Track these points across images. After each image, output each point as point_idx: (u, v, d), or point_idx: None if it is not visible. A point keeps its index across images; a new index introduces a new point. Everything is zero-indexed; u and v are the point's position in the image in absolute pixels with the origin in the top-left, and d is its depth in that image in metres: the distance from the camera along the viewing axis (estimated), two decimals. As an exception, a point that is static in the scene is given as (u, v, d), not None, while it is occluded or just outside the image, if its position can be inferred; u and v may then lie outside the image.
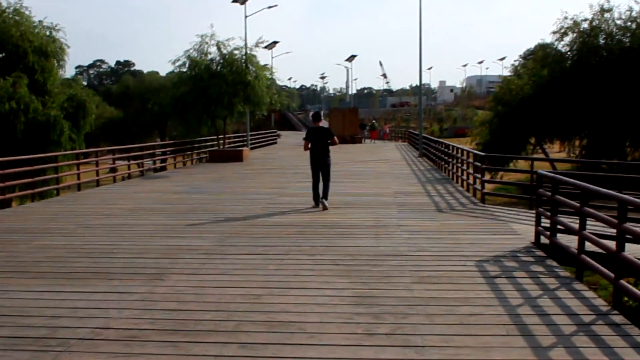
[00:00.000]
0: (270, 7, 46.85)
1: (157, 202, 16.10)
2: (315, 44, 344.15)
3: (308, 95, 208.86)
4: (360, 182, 20.65)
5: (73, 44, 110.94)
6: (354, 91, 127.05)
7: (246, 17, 39.57)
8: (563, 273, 8.25)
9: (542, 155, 33.35)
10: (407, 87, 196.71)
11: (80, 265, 9.07)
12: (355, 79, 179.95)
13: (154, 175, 24.84)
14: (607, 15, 30.17)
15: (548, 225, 9.90)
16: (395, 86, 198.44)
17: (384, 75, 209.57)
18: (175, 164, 29.14)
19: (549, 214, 9.59)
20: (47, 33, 28.20)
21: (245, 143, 40.50)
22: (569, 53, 30.58)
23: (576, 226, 8.33)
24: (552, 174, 9.47)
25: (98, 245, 10.50)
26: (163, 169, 29.27)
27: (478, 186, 17.00)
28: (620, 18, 30.12)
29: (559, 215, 9.64)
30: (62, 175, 19.87)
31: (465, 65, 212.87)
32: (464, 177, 19.59)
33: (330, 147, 14.91)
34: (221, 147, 32.97)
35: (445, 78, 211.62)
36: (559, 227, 9.43)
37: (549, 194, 9.54)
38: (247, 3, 39.05)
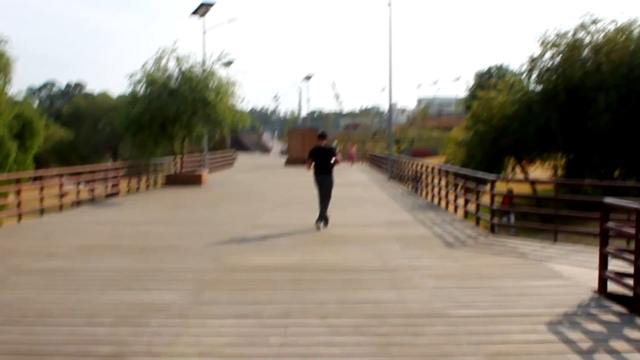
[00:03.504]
0: (230, 21, 44.79)
1: (110, 237, 13.39)
2: (265, 66, 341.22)
3: (260, 117, 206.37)
4: (340, 209, 17.93)
5: (24, 65, 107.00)
6: (305, 114, 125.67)
7: (204, 32, 37.35)
8: (683, 344, 6.02)
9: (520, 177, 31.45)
10: (357, 110, 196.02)
11: (7, 336, 6.46)
12: (308, 101, 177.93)
13: (106, 202, 22.02)
14: (592, 27, 28.53)
15: (622, 270, 7.70)
16: (345, 108, 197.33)
17: (337, 97, 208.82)
18: (129, 189, 26.18)
19: (630, 257, 7.36)
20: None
21: (202, 165, 37.84)
22: (553, 67, 28.74)
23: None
24: (637, 205, 7.21)
25: (34, 303, 7.81)
26: (115, 194, 26.36)
27: (484, 215, 14.88)
28: (604, 30, 28.52)
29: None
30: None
31: (419, 87, 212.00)
32: (459, 202, 17.49)
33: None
34: (179, 170, 30.31)
35: (396, 99, 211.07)
36: None
37: (631, 231, 7.31)
38: (205, 19, 36.96)
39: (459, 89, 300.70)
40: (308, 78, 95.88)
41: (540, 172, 32.83)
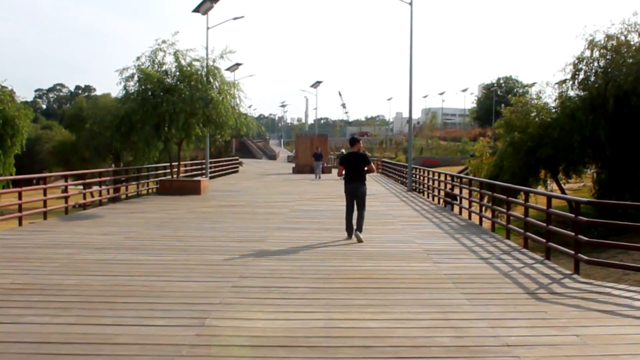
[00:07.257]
0: (235, 19, 41.15)
1: (59, 271, 9.66)
2: (272, 74, 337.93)
3: (267, 124, 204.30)
4: (364, 230, 14.22)
5: (34, 68, 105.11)
6: (312, 121, 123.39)
7: (208, 29, 33.84)
8: None
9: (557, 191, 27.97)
10: (363, 119, 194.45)
11: None
12: (315, 109, 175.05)
13: (80, 214, 18.50)
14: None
15: None
16: (351, 116, 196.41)
17: (343, 105, 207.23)
18: (113, 198, 22.58)
19: None
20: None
21: (203, 172, 34.34)
22: (600, 71, 25.32)
23: None
24: None
25: None
26: (117, 199, 22.75)
27: (565, 248, 11.31)
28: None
29: None
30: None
31: (425, 97, 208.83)
32: (520, 229, 13.97)
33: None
34: (174, 176, 26.75)
35: (401, 109, 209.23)
36: None
37: None
38: (209, 16, 33.53)
39: (463, 100, 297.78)
40: (315, 85, 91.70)
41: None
